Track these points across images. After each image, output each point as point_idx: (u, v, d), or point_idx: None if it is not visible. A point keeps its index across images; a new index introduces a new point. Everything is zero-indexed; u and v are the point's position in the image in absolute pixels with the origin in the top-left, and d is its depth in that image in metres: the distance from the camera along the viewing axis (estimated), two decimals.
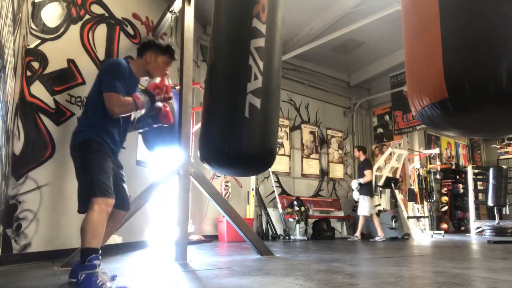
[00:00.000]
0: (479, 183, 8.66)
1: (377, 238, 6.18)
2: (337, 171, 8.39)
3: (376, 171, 7.83)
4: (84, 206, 1.94)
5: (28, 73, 2.88)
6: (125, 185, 2.17)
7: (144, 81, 2.57)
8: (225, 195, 5.83)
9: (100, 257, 1.81)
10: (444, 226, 8.33)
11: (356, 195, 6.54)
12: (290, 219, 6.39)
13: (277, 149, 6.00)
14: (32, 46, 2.94)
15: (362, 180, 6.37)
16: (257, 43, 2.82)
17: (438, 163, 8.46)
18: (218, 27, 2.97)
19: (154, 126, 2.39)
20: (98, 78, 2.11)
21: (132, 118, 2.34)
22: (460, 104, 1.60)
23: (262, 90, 2.77)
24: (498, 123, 1.78)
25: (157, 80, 2.21)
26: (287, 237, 6.12)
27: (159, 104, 2.25)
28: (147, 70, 2.24)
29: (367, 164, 6.58)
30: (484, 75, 1.52)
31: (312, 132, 8.14)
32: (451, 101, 1.61)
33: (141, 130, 2.67)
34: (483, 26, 1.57)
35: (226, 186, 5.99)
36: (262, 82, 2.77)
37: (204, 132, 2.89)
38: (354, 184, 6.52)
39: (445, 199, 8.80)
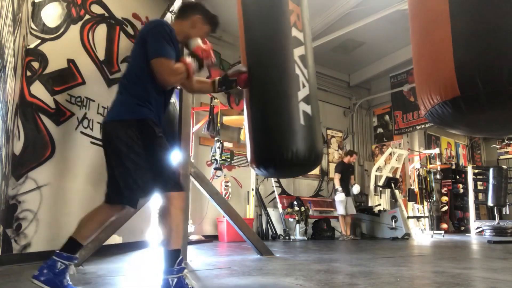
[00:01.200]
0: (479, 183, 8.65)
1: (345, 237, 6.44)
2: None
3: (376, 171, 7.87)
4: (129, 197, 1.74)
5: (28, 73, 2.88)
6: None
7: None
8: (225, 195, 5.82)
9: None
10: (444, 226, 8.33)
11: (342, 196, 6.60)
12: (290, 219, 6.39)
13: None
14: (32, 46, 2.94)
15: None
16: (299, 52, 2.93)
17: (438, 163, 8.46)
18: (254, 40, 3.05)
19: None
20: (141, 43, 1.78)
21: None
22: (472, 102, 1.56)
23: (310, 97, 2.90)
24: None
25: (199, 42, 1.93)
26: (287, 237, 6.12)
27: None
28: (189, 34, 1.95)
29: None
30: (498, 71, 1.49)
31: None
32: (463, 99, 1.57)
33: None
34: (496, 21, 1.54)
35: (226, 186, 5.98)
36: (309, 89, 2.90)
37: (258, 141, 2.98)
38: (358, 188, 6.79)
39: (445, 199, 8.80)
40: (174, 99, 3.43)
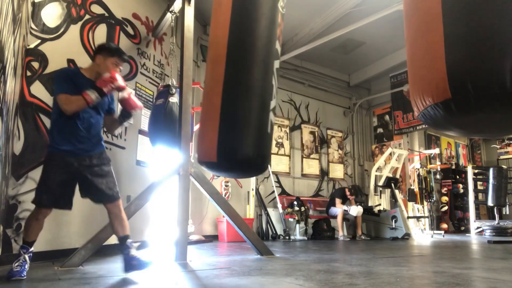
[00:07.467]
0: (479, 183, 8.66)
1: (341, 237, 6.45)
2: (337, 171, 8.39)
3: (376, 171, 7.88)
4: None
5: (28, 73, 2.88)
6: (99, 179, 2.31)
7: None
8: (225, 195, 5.83)
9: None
10: (444, 226, 8.34)
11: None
12: (290, 219, 6.39)
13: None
14: (32, 46, 2.94)
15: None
16: (276, 64, 3.09)
17: (438, 163, 8.46)
18: (245, 42, 3.06)
19: (127, 116, 2.54)
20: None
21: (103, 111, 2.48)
22: (463, 104, 1.58)
23: (275, 107, 3.10)
24: (502, 123, 1.75)
25: (106, 75, 2.33)
26: (287, 237, 6.12)
27: (124, 94, 2.41)
28: (98, 71, 2.37)
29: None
30: (487, 75, 1.50)
31: (312, 132, 8.14)
32: (454, 101, 1.58)
33: (126, 124, 2.82)
34: (487, 26, 1.55)
35: (226, 186, 5.98)
36: (275, 100, 3.08)
37: (224, 141, 2.92)
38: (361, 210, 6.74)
39: (445, 199, 8.80)
40: (176, 99, 3.44)
